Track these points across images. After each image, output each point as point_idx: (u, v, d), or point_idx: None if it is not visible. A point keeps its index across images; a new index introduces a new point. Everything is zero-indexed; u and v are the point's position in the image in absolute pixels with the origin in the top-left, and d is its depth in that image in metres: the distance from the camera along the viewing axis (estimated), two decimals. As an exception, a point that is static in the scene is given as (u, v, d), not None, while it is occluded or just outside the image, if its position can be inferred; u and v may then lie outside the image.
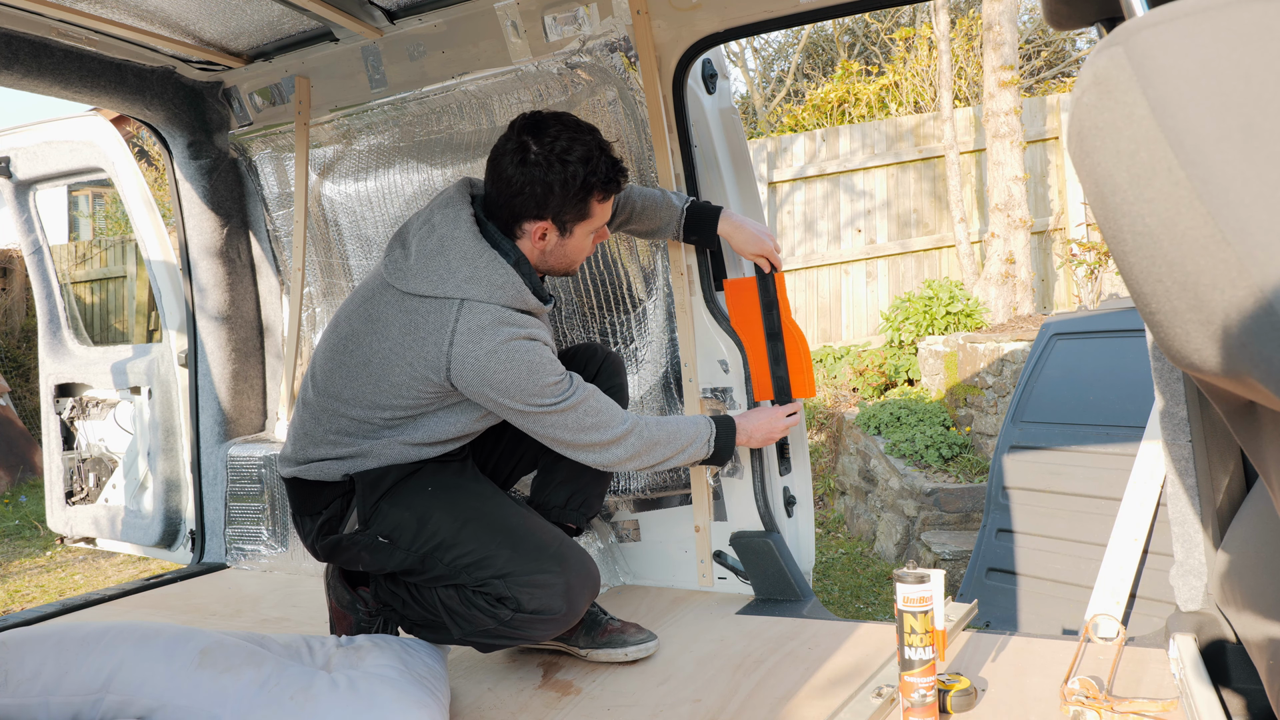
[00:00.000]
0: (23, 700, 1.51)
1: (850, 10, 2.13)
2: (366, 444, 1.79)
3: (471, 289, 1.68)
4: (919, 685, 1.51)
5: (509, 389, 1.68)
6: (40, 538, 5.56)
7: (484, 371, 1.66)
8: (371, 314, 1.77)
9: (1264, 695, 1.52)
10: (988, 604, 2.95)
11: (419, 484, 1.80)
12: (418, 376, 1.70)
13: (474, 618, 1.73)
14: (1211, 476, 1.65)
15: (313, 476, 1.83)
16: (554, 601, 1.69)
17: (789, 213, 8.04)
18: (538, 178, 1.69)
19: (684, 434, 1.91)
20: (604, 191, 1.76)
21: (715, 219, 2.18)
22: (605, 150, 1.75)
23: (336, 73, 2.70)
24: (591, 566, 1.78)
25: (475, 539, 1.72)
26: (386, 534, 1.77)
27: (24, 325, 8.96)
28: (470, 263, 1.69)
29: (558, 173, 1.69)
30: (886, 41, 11.84)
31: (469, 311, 1.67)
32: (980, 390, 4.96)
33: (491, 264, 1.70)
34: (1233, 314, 0.65)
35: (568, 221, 1.76)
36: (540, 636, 1.77)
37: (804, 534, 2.48)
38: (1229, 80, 0.63)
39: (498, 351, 1.66)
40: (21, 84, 2.47)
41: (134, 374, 3.25)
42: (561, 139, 1.70)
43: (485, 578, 1.70)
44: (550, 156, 1.69)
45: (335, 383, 1.79)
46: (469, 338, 1.66)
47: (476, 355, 1.66)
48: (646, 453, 1.85)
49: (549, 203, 1.72)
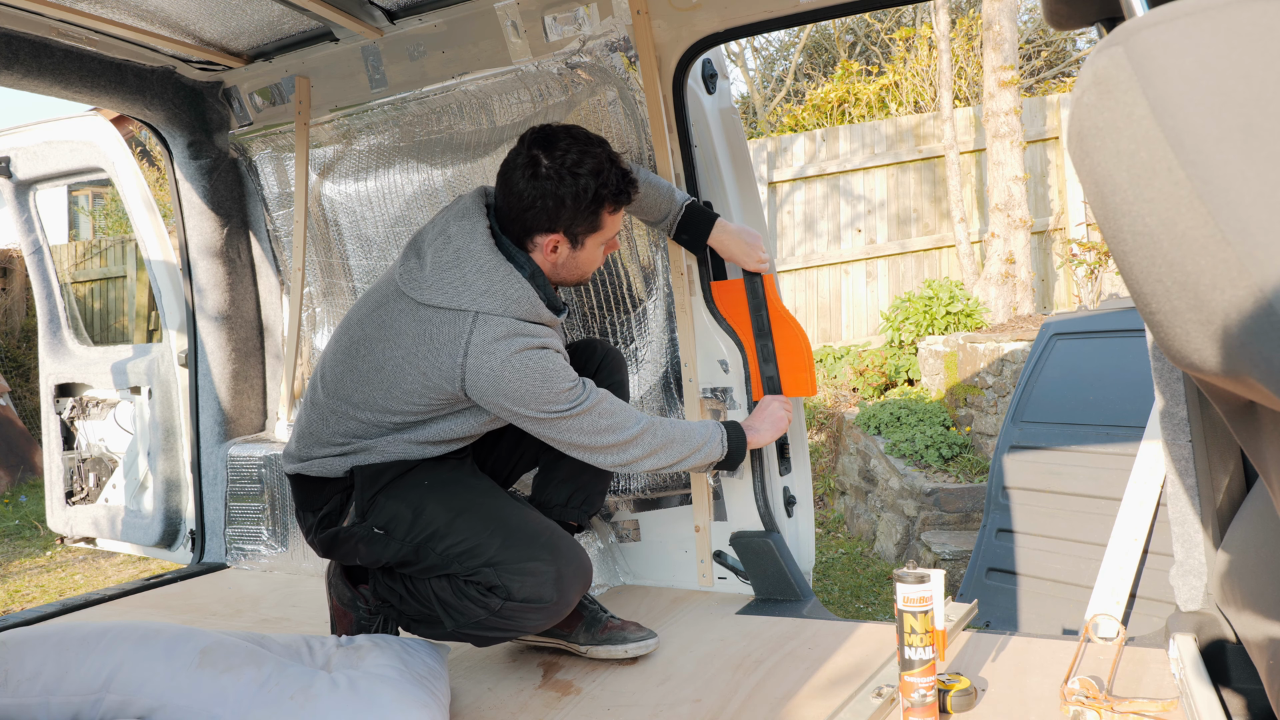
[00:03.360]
0: (23, 700, 1.51)
1: (850, 10, 2.13)
2: (373, 441, 1.82)
3: (486, 302, 1.70)
4: (919, 685, 1.51)
5: (524, 398, 1.70)
6: (40, 538, 5.56)
7: (498, 382, 1.69)
8: (384, 320, 1.78)
9: (1264, 695, 1.52)
10: (988, 604, 2.95)
11: (416, 478, 1.82)
12: (431, 385, 1.72)
13: (466, 608, 1.73)
14: (1211, 476, 1.65)
15: (315, 473, 1.84)
16: (544, 590, 1.69)
17: (789, 213, 8.04)
18: (549, 191, 1.71)
19: (697, 434, 1.94)
20: (615, 203, 1.78)
21: (708, 228, 2.20)
22: (615, 162, 1.77)
23: (336, 73, 2.70)
24: (583, 556, 1.79)
25: (467, 529, 1.73)
26: (382, 525, 1.79)
27: (24, 325, 8.96)
28: (486, 276, 1.71)
29: (569, 186, 1.71)
30: (886, 41, 11.84)
31: (483, 324, 1.69)
32: (980, 390, 4.96)
33: (507, 278, 1.72)
34: (1233, 314, 0.65)
35: (579, 234, 1.78)
36: (532, 627, 1.76)
37: (804, 534, 2.48)
38: (1229, 80, 0.62)
39: (511, 362, 1.68)
40: (21, 84, 2.47)
41: (134, 374, 3.25)
42: (572, 152, 1.72)
43: (476, 566, 1.71)
44: (561, 170, 1.71)
45: (345, 386, 1.80)
46: (483, 349, 1.68)
47: (491, 366, 1.68)
48: (663, 451, 1.87)
49: (560, 216, 1.74)
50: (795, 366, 2.25)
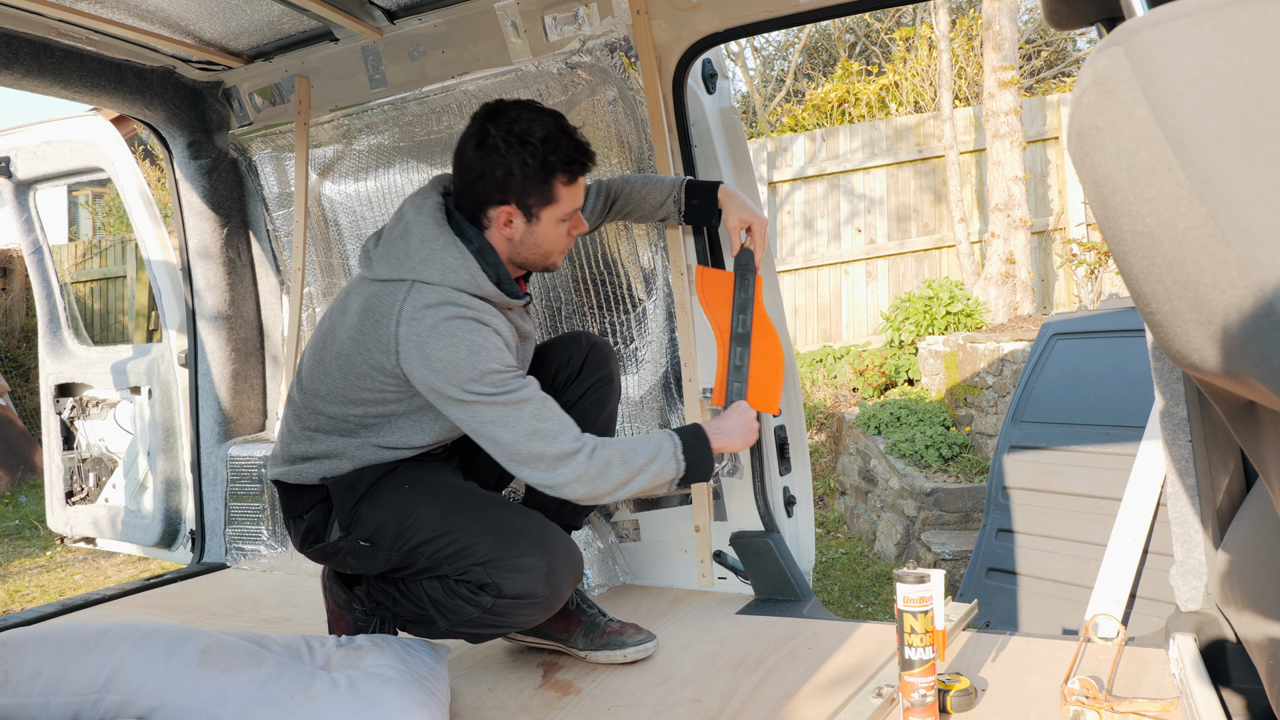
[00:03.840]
0: (23, 700, 1.51)
1: (850, 10, 2.13)
2: (341, 442, 1.78)
3: (424, 270, 1.66)
4: (919, 685, 1.51)
5: (446, 370, 1.60)
6: (40, 538, 5.56)
7: (423, 349, 1.61)
8: (343, 304, 1.78)
9: (1264, 695, 1.52)
10: (988, 604, 2.95)
11: (396, 483, 1.79)
12: (375, 364, 1.68)
13: (458, 607, 1.71)
14: (1211, 476, 1.65)
15: (293, 480, 1.83)
16: (535, 586, 1.66)
17: (789, 213, 8.04)
18: (498, 160, 1.67)
19: (641, 451, 1.69)
20: (567, 173, 1.70)
21: (715, 189, 2.12)
22: (568, 132, 1.70)
23: (336, 73, 2.70)
24: (574, 549, 1.74)
25: (455, 530, 1.70)
26: (367, 537, 1.76)
27: (24, 325, 8.96)
28: (427, 246, 1.68)
29: (517, 153, 1.66)
30: (886, 41, 11.84)
31: (417, 292, 1.65)
32: (980, 390, 4.96)
33: (447, 247, 1.68)
34: (1233, 314, 0.65)
35: (532, 206, 1.72)
36: (525, 622, 1.72)
37: (804, 534, 2.48)
38: (1229, 80, 0.62)
39: (438, 328, 1.60)
40: (21, 84, 2.47)
41: (134, 374, 3.25)
42: (521, 121, 1.68)
43: (466, 565, 1.67)
44: (510, 138, 1.66)
45: (315, 378, 1.80)
46: (413, 316, 1.63)
47: (418, 333, 1.62)
48: (600, 477, 1.64)
49: (510, 185, 1.69)
50: (766, 377, 2.05)
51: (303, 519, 1.84)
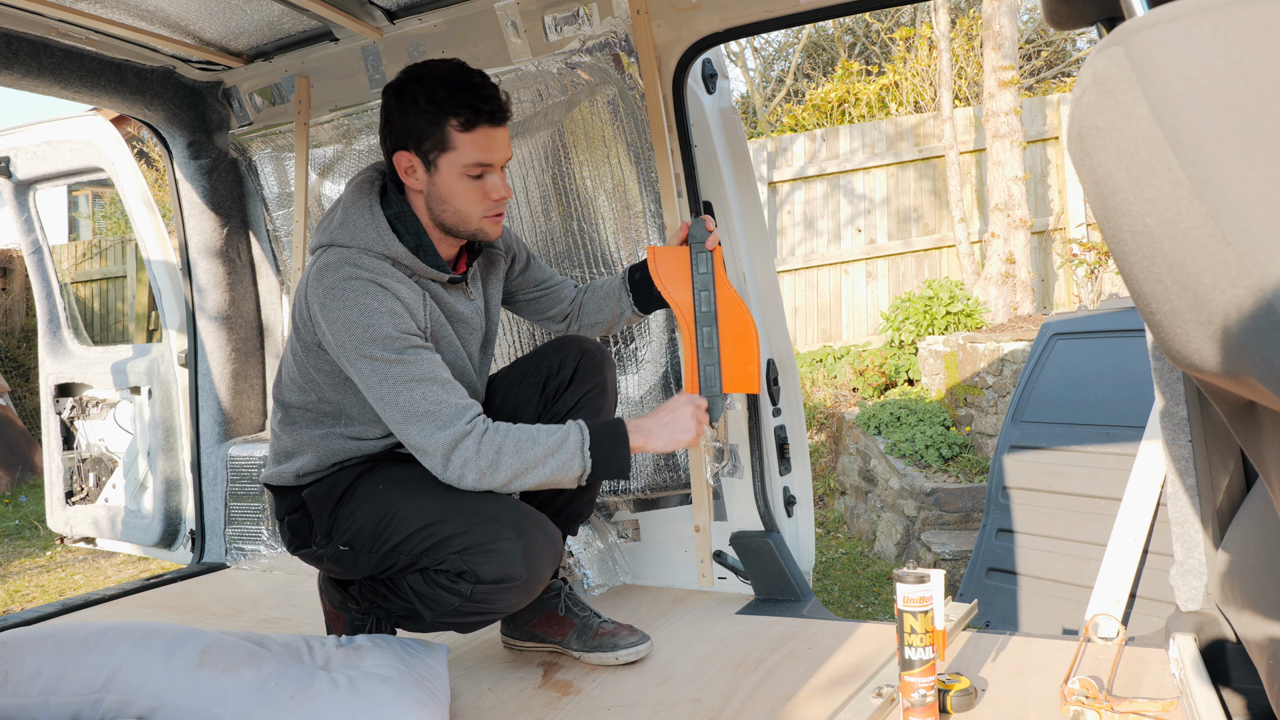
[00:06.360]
0: (23, 700, 1.51)
1: (850, 10, 2.13)
2: (308, 434, 1.79)
3: (339, 234, 1.68)
4: (919, 685, 1.51)
5: (340, 330, 1.59)
6: (40, 538, 5.56)
7: (325, 308, 1.61)
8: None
9: (1264, 695, 1.52)
10: (988, 604, 2.95)
11: (371, 485, 1.77)
12: (308, 339, 1.71)
13: (439, 597, 1.69)
14: (1211, 476, 1.65)
15: (277, 483, 1.86)
16: (513, 569, 1.62)
17: (789, 213, 8.04)
18: (397, 105, 1.67)
19: (542, 443, 1.61)
20: (459, 116, 1.63)
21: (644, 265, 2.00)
22: (470, 77, 1.65)
23: (336, 73, 2.70)
24: (551, 531, 1.69)
25: (431, 524, 1.67)
26: (346, 542, 1.76)
27: (24, 325, 8.96)
28: (345, 210, 1.70)
29: (409, 93, 1.65)
30: (886, 41, 11.84)
31: (326, 254, 1.67)
32: (980, 390, 4.96)
33: (361, 211, 1.68)
34: (1233, 314, 0.65)
35: (428, 152, 1.66)
36: (508, 607, 1.70)
37: (804, 534, 2.48)
38: (1229, 80, 0.62)
39: (335, 288, 1.60)
40: (21, 84, 2.47)
41: (134, 374, 3.25)
42: (426, 67, 1.67)
43: (444, 555, 1.65)
44: (410, 82, 1.66)
45: (282, 370, 1.84)
46: (317, 276, 1.64)
47: (319, 294, 1.62)
48: (490, 470, 1.59)
49: (407, 128, 1.66)
50: (740, 356, 1.91)
51: (286, 518, 1.86)
